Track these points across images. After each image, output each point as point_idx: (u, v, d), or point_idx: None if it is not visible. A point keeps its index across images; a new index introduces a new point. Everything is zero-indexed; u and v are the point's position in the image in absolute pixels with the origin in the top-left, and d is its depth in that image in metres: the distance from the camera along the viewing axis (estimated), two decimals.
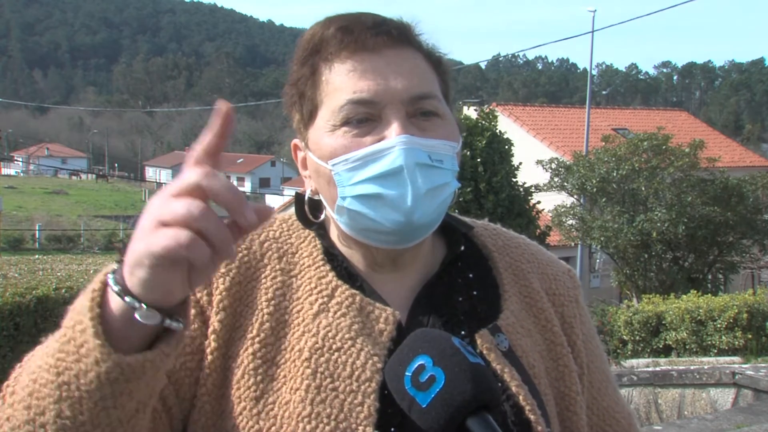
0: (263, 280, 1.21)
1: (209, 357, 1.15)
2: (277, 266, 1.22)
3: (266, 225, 1.28)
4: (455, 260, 1.27)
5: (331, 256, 1.24)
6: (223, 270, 1.20)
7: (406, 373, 1.00)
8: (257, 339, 1.15)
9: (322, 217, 1.26)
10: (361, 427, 1.08)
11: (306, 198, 1.27)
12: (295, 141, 1.28)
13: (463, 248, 1.28)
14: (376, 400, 1.10)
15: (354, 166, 1.15)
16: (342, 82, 1.17)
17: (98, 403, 0.94)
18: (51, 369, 0.95)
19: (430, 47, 1.24)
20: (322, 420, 1.08)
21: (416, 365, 1.00)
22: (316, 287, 1.20)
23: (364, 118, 1.15)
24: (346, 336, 1.14)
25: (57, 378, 0.94)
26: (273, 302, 1.18)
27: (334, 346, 1.13)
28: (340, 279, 1.21)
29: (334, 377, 1.11)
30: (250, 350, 1.14)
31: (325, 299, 1.18)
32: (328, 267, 1.22)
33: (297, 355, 1.13)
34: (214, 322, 1.16)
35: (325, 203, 1.23)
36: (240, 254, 1.22)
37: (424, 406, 0.98)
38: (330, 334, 1.14)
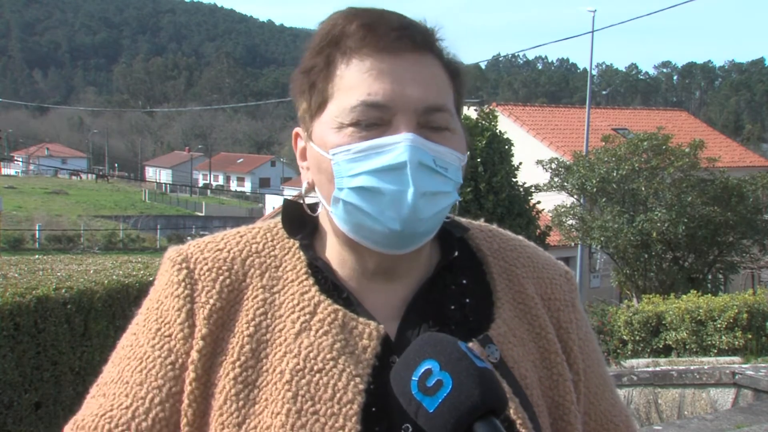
0: (245, 301, 1.18)
1: (188, 388, 1.13)
2: (259, 284, 1.19)
3: (249, 237, 1.25)
4: (450, 265, 1.24)
5: (315, 268, 1.20)
6: (203, 299, 1.17)
7: (413, 378, 0.99)
8: (237, 363, 1.13)
9: (319, 210, 1.22)
10: None
11: (303, 189, 1.24)
12: (297, 130, 1.24)
13: (457, 253, 1.24)
14: (358, 423, 1.08)
15: (355, 157, 1.11)
16: (357, 81, 1.13)
17: None
18: None
19: (450, 57, 1.20)
20: None
21: (423, 370, 0.99)
22: (298, 304, 1.16)
23: (374, 122, 1.12)
24: (328, 356, 1.12)
25: None
26: (254, 323, 1.15)
27: (315, 367, 1.11)
28: (324, 293, 1.17)
29: (314, 400, 1.09)
30: (231, 375, 1.12)
31: (308, 317, 1.15)
32: (311, 281, 1.19)
33: (278, 378, 1.11)
34: (193, 353, 1.15)
35: (321, 198, 1.19)
36: (221, 277, 1.19)
37: (431, 411, 0.97)
38: (311, 355, 1.12)
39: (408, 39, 1.14)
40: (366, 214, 1.11)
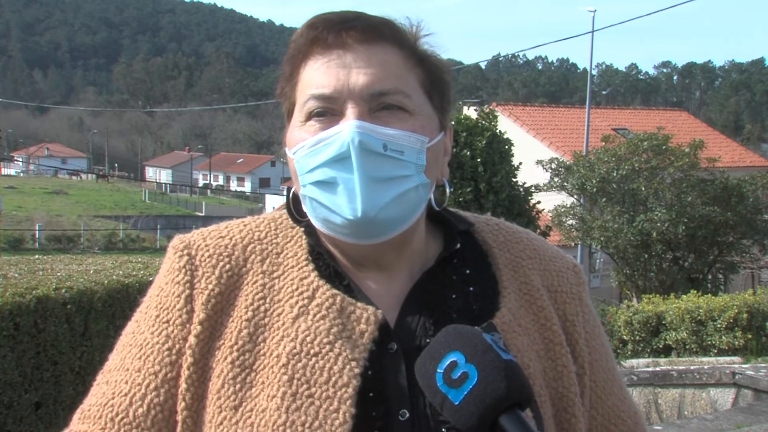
0: (245, 287, 1.19)
1: (186, 372, 1.15)
2: (260, 269, 1.20)
3: (253, 225, 1.27)
4: (453, 257, 1.24)
5: (317, 254, 1.22)
6: (203, 284, 1.19)
7: (438, 370, 0.99)
8: (235, 347, 1.14)
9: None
10: None
11: (292, 194, 1.26)
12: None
13: (460, 245, 1.25)
14: (352, 406, 1.08)
15: (309, 152, 1.14)
16: (309, 79, 1.17)
17: None
18: None
19: (413, 43, 1.20)
20: (297, 428, 1.08)
21: (448, 362, 0.99)
22: (297, 289, 1.17)
23: (325, 111, 1.15)
24: (324, 340, 1.12)
25: None
26: (252, 307, 1.16)
27: (312, 351, 1.12)
28: (324, 279, 1.18)
29: (310, 383, 1.10)
30: (229, 359, 1.14)
31: (306, 301, 1.16)
32: (311, 267, 1.20)
33: (275, 361, 1.12)
34: (191, 338, 1.16)
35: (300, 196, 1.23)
36: (221, 263, 1.20)
37: (456, 403, 0.98)
38: (308, 339, 1.13)
39: (351, 31, 1.16)
40: (326, 207, 1.13)
